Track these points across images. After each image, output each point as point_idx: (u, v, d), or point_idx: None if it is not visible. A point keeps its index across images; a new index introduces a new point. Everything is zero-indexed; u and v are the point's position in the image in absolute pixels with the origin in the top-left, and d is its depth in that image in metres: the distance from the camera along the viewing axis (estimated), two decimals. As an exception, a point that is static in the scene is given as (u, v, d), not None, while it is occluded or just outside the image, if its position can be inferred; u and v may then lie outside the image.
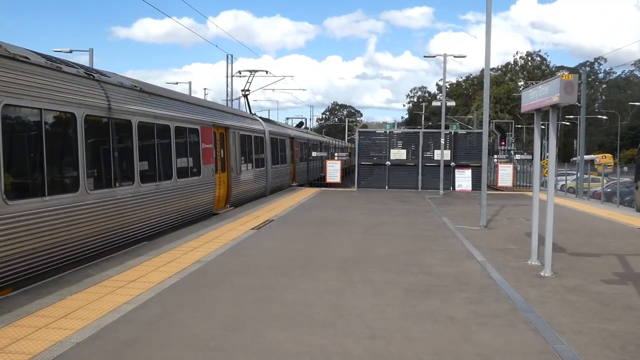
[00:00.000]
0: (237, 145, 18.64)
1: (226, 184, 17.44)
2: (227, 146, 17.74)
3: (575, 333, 5.90)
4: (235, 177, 18.21)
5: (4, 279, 7.54)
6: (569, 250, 10.70)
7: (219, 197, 16.86)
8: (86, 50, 29.05)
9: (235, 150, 18.39)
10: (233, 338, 5.59)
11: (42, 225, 8.23)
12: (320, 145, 40.40)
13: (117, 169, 10.61)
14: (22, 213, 7.83)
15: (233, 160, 18.07)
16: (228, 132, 17.85)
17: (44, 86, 8.51)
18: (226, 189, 17.49)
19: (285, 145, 27.41)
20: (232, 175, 17.80)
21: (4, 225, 7.50)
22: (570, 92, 7.84)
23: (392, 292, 7.43)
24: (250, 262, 9.26)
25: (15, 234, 7.72)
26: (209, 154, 15.70)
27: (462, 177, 25.83)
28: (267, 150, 23.19)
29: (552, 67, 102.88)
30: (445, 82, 27.64)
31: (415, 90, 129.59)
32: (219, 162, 16.78)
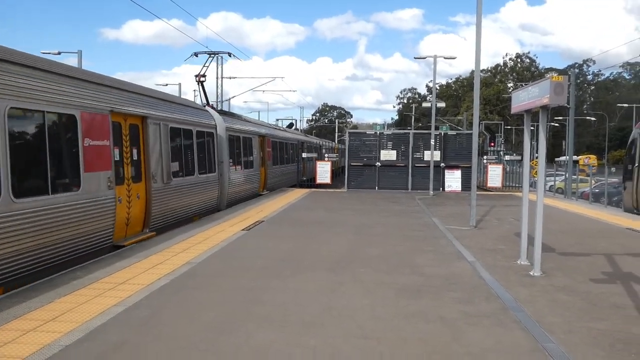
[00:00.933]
0: (165, 143, 13.42)
1: (143, 200, 12.39)
2: (144, 144, 12.53)
3: (564, 332, 5.92)
4: (160, 188, 13.01)
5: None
6: (558, 250, 10.76)
7: (129, 219, 11.73)
8: (75, 52, 28.91)
9: (161, 151, 13.15)
10: (223, 339, 5.56)
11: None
12: (302, 146, 36.95)
13: None
14: None
15: (155, 165, 12.83)
16: (147, 124, 12.52)
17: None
18: (143, 207, 12.44)
19: (253, 146, 22.90)
20: (155, 187, 12.69)
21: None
22: (560, 94, 7.89)
23: (383, 293, 7.43)
24: (241, 263, 9.22)
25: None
26: (99, 155, 10.41)
27: (451, 177, 25.92)
28: (223, 150, 18.57)
29: (541, 69, 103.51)
30: (435, 84, 27.73)
31: (405, 92, 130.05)
32: (127, 168, 11.73)
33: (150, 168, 12.60)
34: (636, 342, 5.67)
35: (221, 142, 18.48)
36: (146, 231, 12.39)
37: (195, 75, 21.33)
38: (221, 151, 18.37)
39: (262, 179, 24.23)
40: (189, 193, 15.06)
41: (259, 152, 24.05)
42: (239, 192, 20.25)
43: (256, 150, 23.34)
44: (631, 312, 6.73)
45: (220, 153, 18.27)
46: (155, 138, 12.98)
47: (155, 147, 12.94)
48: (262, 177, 24.45)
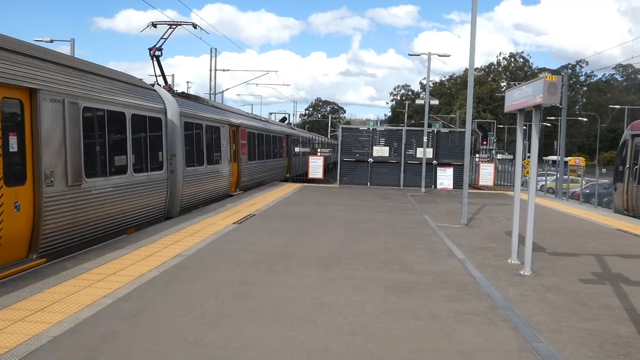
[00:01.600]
0: (73, 128, 9.54)
1: (27, 211, 8.41)
2: (32, 129, 8.56)
3: (553, 332, 5.95)
4: (61, 193, 9.15)
5: None
6: (549, 249, 10.81)
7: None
8: (67, 41, 28.66)
9: (65, 140, 9.27)
10: (213, 333, 5.55)
11: None
12: (289, 139, 33.89)
13: None
14: None
15: (54, 159, 8.99)
16: (38, 100, 8.60)
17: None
18: (27, 222, 8.44)
19: (221, 137, 19.09)
20: (50, 191, 8.83)
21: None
22: (553, 93, 7.91)
23: (373, 289, 7.44)
24: (231, 256, 9.20)
25: None
26: None
27: (443, 175, 25.99)
28: (175, 141, 14.77)
29: (534, 69, 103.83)
30: (428, 81, 27.72)
31: (398, 89, 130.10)
32: None
33: (42, 164, 8.61)
34: (624, 342, 5.70)
35: (173, 131, 14.68)
36: (33, 257, 8.54)
37: (149, 49, 17.11)
38: (173, 142, 14.64)
39: (233, 176, 20.60)
40: (118, 198, 11.18)
41: (230, 144, 20.20)
42: (198, 193, 16.48)
43: (226, 142, 19.54)
44: (620, 312, 6.76)
45: (172, 145, 14.57)
46: (54, 121, 9.00)
47: (54, 134, 8.99)
48: (234, 174, 20.73)
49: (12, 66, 8.10)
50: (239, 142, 21.60)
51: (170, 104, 14.79)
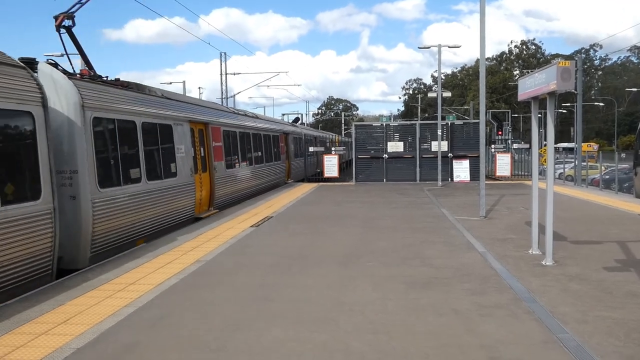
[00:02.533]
0: None
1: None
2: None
3: (578, 322, 5.86)
4: None
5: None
6: (570, 238, 10.67)
7: None
8: (77, 54, 28.84)
9: None
10: (235, 338, 5.54)
11: None
12: (287, 138, 29.08)
13: None
14: None
15: None
16: None
17: None
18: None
19: (176, 139, 13.82)
20: None
21: None
22: (567, 79, 7.79)
23: (393, 286, 7.39)
24: (250, 260, 9.21)
25: None
26: None
27: (460, 167, 25.81)
28: (76, 151, 9.71)
29: (547, 55, 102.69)
30: (440, 73, 27.54)
31: (410, 83, 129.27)
32: None
33: None
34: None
35: (70, 134, 9.68)
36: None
37: (54, 17, 12.23)
38: (71, 152, 9.65)
39: (203, 191, 15.58)
40: None
41: (196, 148, 15.30)
42: (129, 225, 11.04)
43: (185, 146, 14.22)
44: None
45: (69, 155, 9.61)
46: None
47: None
48: (204, 188, 15.71)
49: None
50: (211, 145, 16.49)
51: (61, 92, 9.68)
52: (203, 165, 15.89)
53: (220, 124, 17.94)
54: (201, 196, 15.37)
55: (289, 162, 29.15)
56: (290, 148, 29.47)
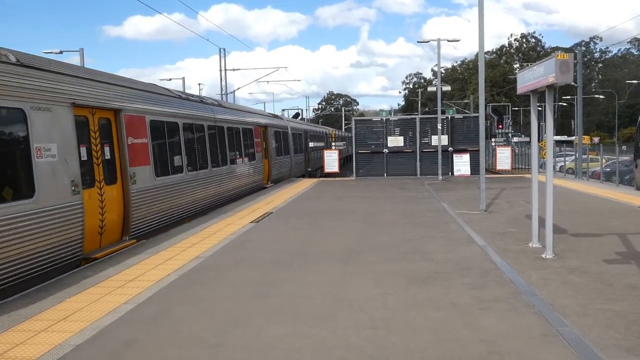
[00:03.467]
0: None
1: None
2: None
3: (578, 315, 5.85)
4: None
5: None
6: (570, 231, 10.65)
7: None
8: (76, 51, 28.88)
9: None
10: (234, 334, 5.53)
11: None
12: (267, 132, 23.71)
13: None
14: None
15: None
16: None
17: None
18: None
19: (54, 137, 8.71)
20: None
21: None
22: (565, 72, 7.76)
23: (393, 281, 7.38)
24: (250, 256, 9.20)
25: None
26: None
27: (460, 161, 25.79)
28: None
29: (547, 48, 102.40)
30: (440, 67, 27.52)
31: (410, 77, 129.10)
32: None
33: None
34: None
35: None
36: None
37: None
38: None
39: (107, 215, 10.37)
40: None
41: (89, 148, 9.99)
42: None
43: (54, 145, 8.69)
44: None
45: None
46: None
47: None
48: (114, 210, 10.70)
49: None
50: (124, 142, 11.15)
51: None
52: (108, 173, 10.74)
53: (145, 112, 12.44)
54: (101, 221, 10.25)
55: (269, 161, 23.85)
56: (270, 145, 24.14)
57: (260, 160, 22.19)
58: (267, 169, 23.43)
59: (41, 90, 8.67)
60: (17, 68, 8.34)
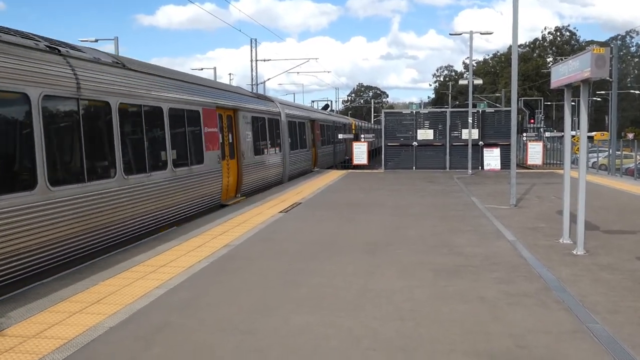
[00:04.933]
0: None
1: None
2: None
3: (609, 312, 5.79)
4: None
5: None
6: (602, 228, 10.50)
7: None
8: (111, 39, 29.30)
9: None
10: (262, 321, 5.62)
11: None
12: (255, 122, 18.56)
13: None
14: None
15: None
16: None
17: None
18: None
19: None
20: None
21: None
22: (601, 66, 7.63)
23: (421, 274, 7.38)
24: (278, 245, 9.29)
25: None
26: None
27: (490, 156, 25.53)
28: None
29: (582, 42, 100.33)
30: (471, 60, 27.21)
31: (441, 70, 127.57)
32: None
33: None
34: (685, 321, 5.50)
35: None
36: None
37: None
38: None
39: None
40: None
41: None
42: None
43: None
44: (679, 291, 6.53)
45: None
46: None
47: None
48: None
49: None
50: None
51: None
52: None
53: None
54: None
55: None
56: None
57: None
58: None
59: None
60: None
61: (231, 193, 15.95)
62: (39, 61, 8.08)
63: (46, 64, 8.22)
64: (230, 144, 16.02)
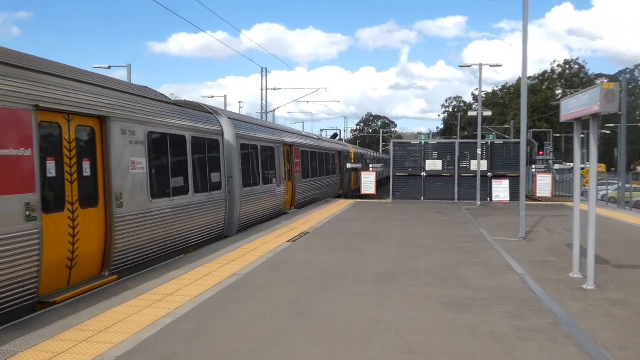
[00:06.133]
0: None
1: None
2: None
3: (621, 348, 5.71)
4: None
5: None
6: (612, 262, 10.41)
7: None
8: (124, 66, 29.68)
9: None
10: (270, 352, 5.58)
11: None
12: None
13: None
14: None
15: None
16: None
17: None
18: None
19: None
20: None
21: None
22: (611, 101, 7.67)
23: (430, 306, 7.33)
24: (286, 275, 9.25)
25: None
26: None
27: (499, 187, 25.45)
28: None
29: (590, 75, 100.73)
30: (481, 92, 27.35)
31: (450, 100, 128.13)
32: None
33: None
34: (698, 360, 5.42)
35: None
36: None
37: None
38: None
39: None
40: None
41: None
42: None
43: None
44: (692, 328, 6.44)
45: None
46: None
47: None
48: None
49: None
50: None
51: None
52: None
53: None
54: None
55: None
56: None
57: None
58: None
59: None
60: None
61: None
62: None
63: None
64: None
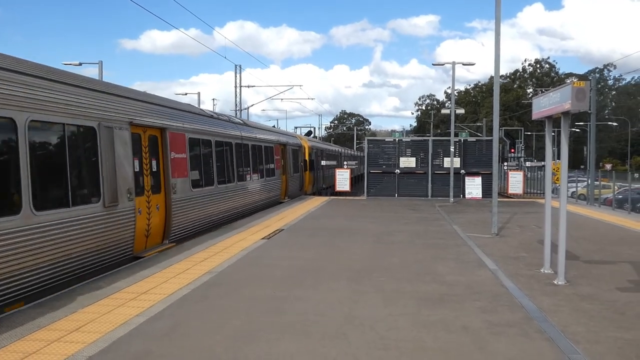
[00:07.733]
0: None
1: None
2: None
3: (590, 342, 5.83)
4: None
5: None
6: (582, 257, 10.61)
7: None
8: (95, 63, 29.25)
9: None
10: (245, 349, 5.56)
11: None
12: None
13: None
14: None
15: None
16: None
17: None
18: None
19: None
20: None
21: None
22: (581, 99, 7.81)
23: (404, 302, 7.38)
24: (261, 272, 9.23)
25: None
26: None
27: (472, 184, 25.73)
28: None
29: (561, 74, 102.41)
30: (453, 90, 27.60)
31: (423, 98, 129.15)
32: None
33: None
34: (665, 352, 5.55)
35: None
36: None
37: None
38: None
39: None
40: None
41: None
42: None
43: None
44: (659, 321, 6.60)
45: None
46: None
47: None
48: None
49: None
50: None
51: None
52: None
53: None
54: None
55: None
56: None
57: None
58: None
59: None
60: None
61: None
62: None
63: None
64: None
